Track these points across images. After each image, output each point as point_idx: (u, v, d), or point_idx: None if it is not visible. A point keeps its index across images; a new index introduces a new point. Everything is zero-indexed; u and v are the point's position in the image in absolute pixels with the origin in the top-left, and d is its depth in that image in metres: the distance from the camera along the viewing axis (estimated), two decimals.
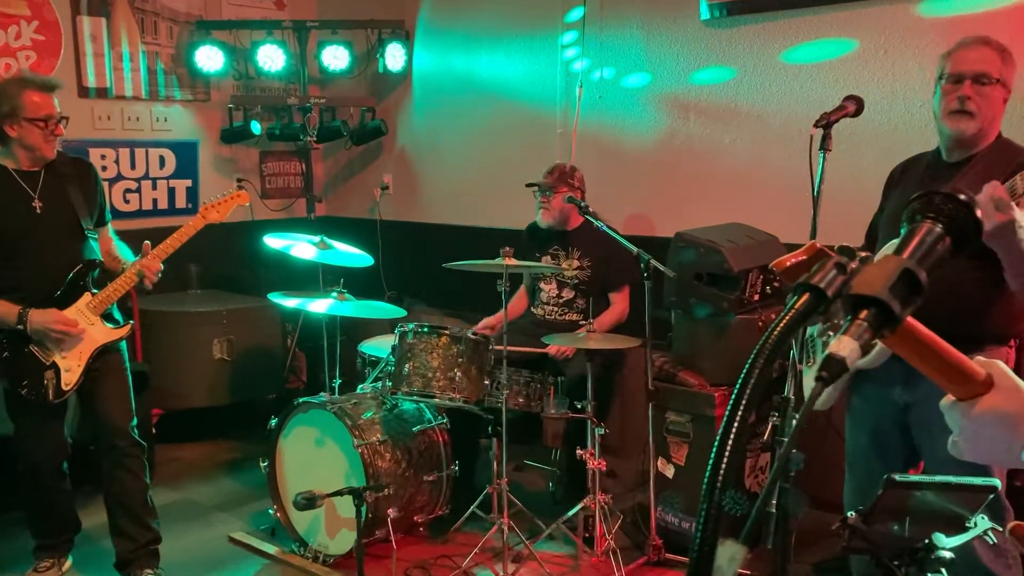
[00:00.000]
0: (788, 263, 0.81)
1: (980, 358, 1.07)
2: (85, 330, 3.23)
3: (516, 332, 4.04)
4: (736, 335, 3.59)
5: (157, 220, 5.39)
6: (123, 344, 3.40)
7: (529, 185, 4.29)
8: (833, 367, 0.72)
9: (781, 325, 0.74)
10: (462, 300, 5.31)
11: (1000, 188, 2.16)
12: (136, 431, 3.38)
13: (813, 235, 2.59)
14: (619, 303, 4.20)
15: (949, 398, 1.09)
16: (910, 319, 0.95)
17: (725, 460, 0.67)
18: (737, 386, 0.72)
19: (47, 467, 3.40)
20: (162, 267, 3.31)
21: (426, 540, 3.84)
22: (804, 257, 0.80)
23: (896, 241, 0.85)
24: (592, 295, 4.17)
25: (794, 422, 2.73)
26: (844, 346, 0.73)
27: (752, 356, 0.72)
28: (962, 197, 0.83)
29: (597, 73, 4.81)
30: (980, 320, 2.52)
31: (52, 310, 3.17)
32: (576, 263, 4.21)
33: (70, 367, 3.22)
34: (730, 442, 0.68)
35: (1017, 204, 2.19)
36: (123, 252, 3.49)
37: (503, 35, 5.21)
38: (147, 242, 3.32)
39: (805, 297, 0.76)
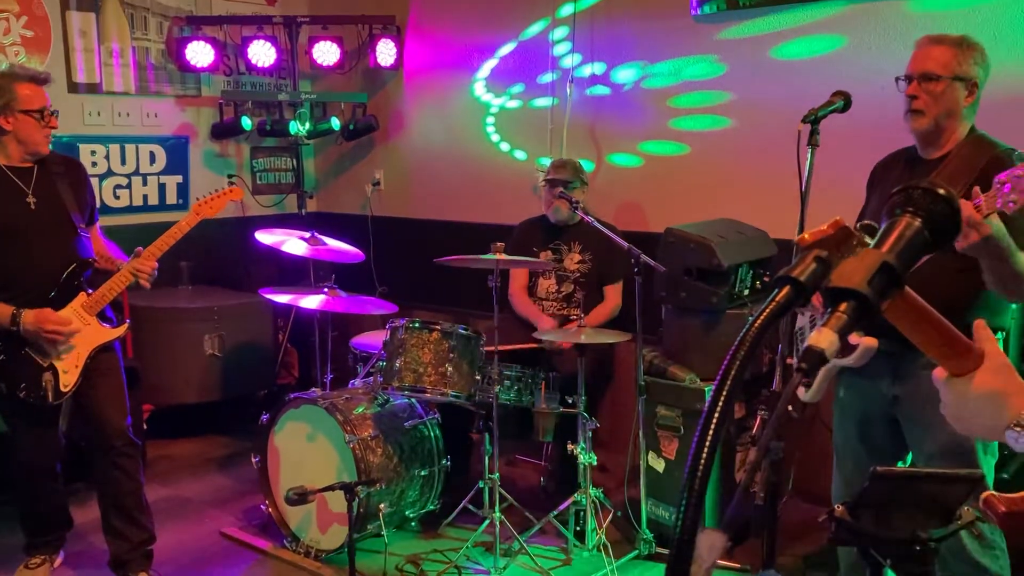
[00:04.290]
0: (812, 238, 0.82)
1: (981, 320, 1.08)
2: (80, 330, 3.20)
3: (510, 328, 4.05)
4: (726, 330, 3.61)
5: (148, 216, 5.38)
6: (116, 343, 3.39)
7: (552, 182, 4.17)
8: (812, 359, 0.73)
9: (762, 317, 0.75)
10: (454, 296, 5.32)
11: (968, 207, 2.16)
12: (131, 430, 3.36)
13: (801, 231, 2.60)
14: (612, 298, 4.20)
15: (942, 372, 1.10)
16: (911, 293, 0.96)
17: (707, 449, 0.68)
18: (719, 377, 0.73)
19: (42, 469, 3.39)
20: (156, 266, 3.28)
21: (418, 535, 3.85)
22: (830, 231, 0.82)
23: None
24: (590, 289, 4.18)
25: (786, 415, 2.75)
26: (823, 338, 0.74)
27: (733, 347, 0.73)
28: (941, 192, 0.85)
29: (588, 68, 4.82)
30: (965, 313, 2.54)
31: (46, 310, 3.13)
32: (577, 256, 4.23)
33: (68, 368, 3.19)
34: (711, 431, 0.69)
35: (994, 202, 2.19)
36: (115, 251, 3.46)
37: (494, 30, 5.21)
38: (139, 247, 3.28)
39: (785, 290, 0.77)
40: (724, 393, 0.69)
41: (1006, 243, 2.23)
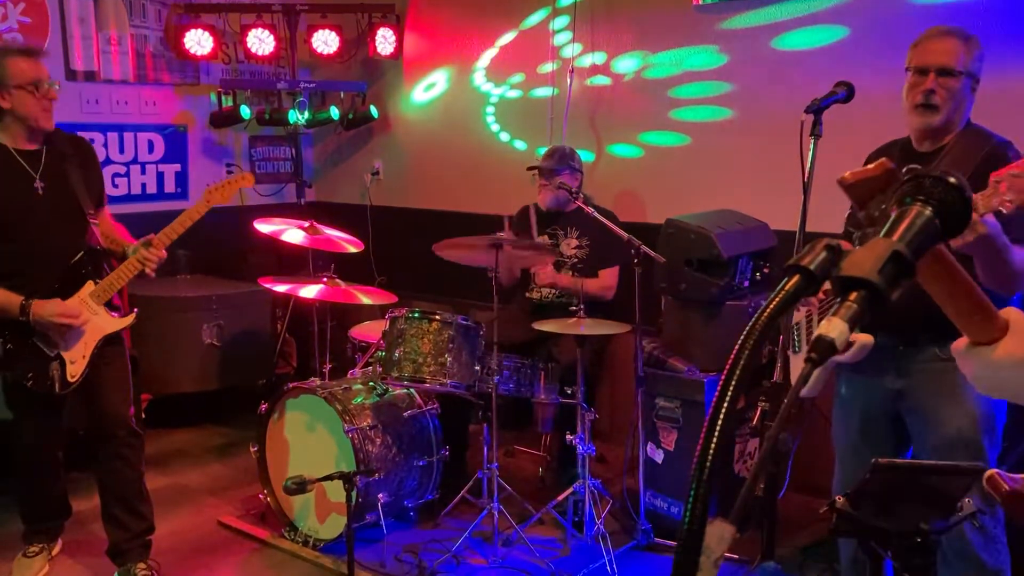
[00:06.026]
0: (853, 178, 0.80)
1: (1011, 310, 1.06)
2: (89, 320, 3.15)
3: (510, 319, 4.04)
4: (726, 321, 3.60)
5: (146, 205, 5.37)
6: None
7: (530, 168, 4.29)
8: (822, 348, 0.72)
9: (772, 306, 0.74)
10: (453, 287, 5.31)
11: None
12: (134, 420, 3.34)
13: (803, 222, 2.59)
14: (606, 279, 4.19)
15: (964, 341, 1.08)
16: (946, 253, 0.95)
17: (715, 438, 0.67)
18: (728, 366, 0.72)
19: (45, 457, 3.38)
20: (164, 255, 3.21)
21: (416, 525, 3.85)
22: (876, 172, 0.81)
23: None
24: (588, 275, 4.17)
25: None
26: (834, 328, 0.73)
27: (743, 337, 0.72)
28: (952, 180, 0.83)
29: (589, 58, 4.80)
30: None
31: (55, 300, 3.08)
32: (575, 242, 4.22)
33: (75, 359, 3.15)
34: (720, 420, 0.68)
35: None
36: (124, 234, 3.40)
37: (494, 19, 5.18)
38: (152, 235, 3.21)
39: (795, 279, 0.76)
40: (733, 382, 0.68)
41: (1002, 241, 2.21)
